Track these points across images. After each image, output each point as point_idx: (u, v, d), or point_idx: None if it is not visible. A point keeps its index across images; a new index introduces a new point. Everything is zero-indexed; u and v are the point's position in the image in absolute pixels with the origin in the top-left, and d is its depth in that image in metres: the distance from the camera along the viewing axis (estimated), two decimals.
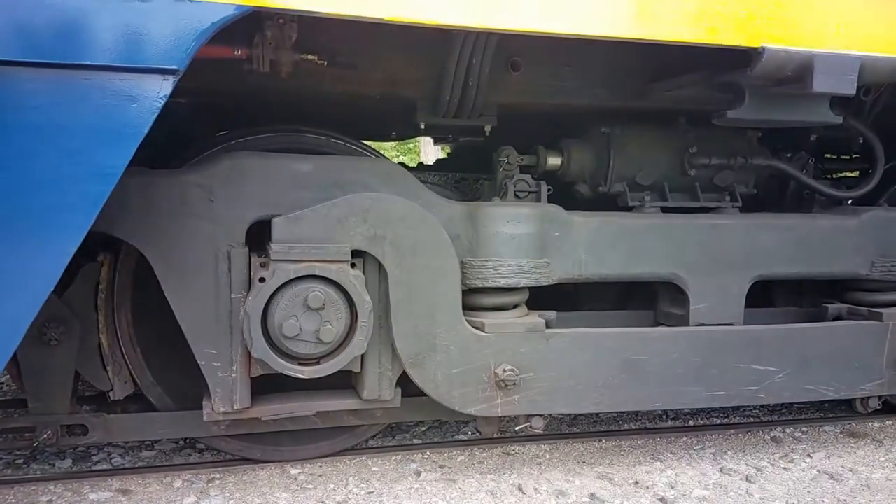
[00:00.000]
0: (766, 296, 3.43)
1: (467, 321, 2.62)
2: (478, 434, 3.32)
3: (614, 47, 2.40)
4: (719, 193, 3.13)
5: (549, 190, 2.93)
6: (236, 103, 2.97)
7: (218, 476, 2.82)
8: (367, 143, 3.14)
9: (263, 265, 2.37)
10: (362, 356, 2.53)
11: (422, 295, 2.53)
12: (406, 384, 2.68)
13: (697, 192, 3.10)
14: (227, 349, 2.42)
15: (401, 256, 2.50)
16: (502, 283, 2.61)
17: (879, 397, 3.23)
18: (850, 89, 2.34)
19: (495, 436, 3.16)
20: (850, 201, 3.39)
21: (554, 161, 3.06)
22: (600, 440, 3.31)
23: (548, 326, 2.75)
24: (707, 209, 3.08)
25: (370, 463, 2.98)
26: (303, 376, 2.41)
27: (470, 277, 2.62)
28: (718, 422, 3.67)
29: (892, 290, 3.15)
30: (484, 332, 2.62)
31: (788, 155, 3.30)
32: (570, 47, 2.53)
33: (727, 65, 2.42)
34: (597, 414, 3.64)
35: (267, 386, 2.59)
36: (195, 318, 2.41)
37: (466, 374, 2.60)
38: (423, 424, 3.51)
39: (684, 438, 3.38)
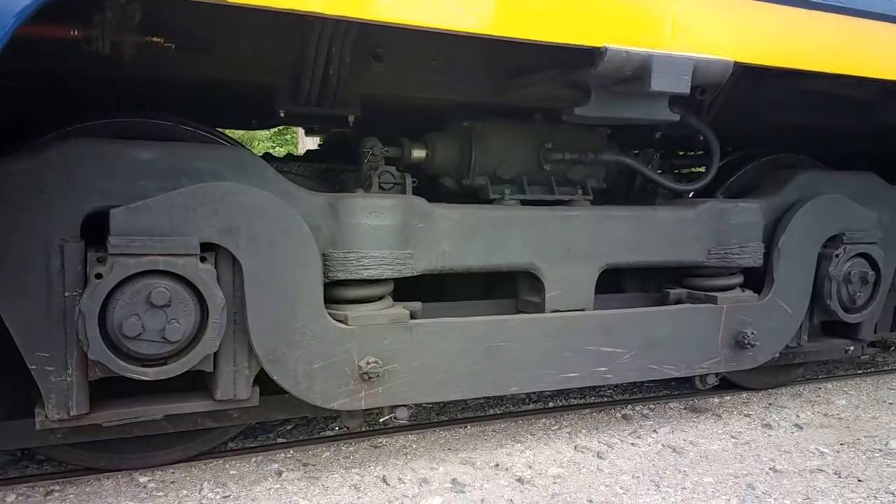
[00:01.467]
0: (616, 283, 3.66)
1: (330, 314, 2.58)
2: (346, 429, 3.29)
3: (475, 43, 2.44)
4: (573, 187, 3.28)
5: (414, 182, 2.95)
6: (81, 88, 2.74)
7: (57, 488, 2.61)
8: (233, 131, 3.01)
9: (100, 260, 2.21)
10: (215, 354, 2.41)
11: (280, 289, 2.46)
12: (266, 382, 2.60)
13: (553, 185, 3.24)
14: (61, 352, 2.22)
15: (256, 249, 2.41)
16: (365, 274, 2.59)
17: (717, 374, 3.51)
18: (684, 88, 2.52)
19: (363, 429, 3.15)
20: (691, 194, 3.68)
21: (419, 153, 3.08)
22: (465, 426, 3.39)
23: (414, 317, 2.78)
24: (562, 202, 3.22)
25: (228, 466, 2.87)
26: (146, 378, 2.27)
27: (332, 270, 2.58)
28: (575, 402, 3.88)
29: (726, 275, 3.44)
30: (347, 324, 2.59)
31: (636, 151, 3.52)
32: (433, 41, 2.55)
33: (575, 64, 2.54)
34: (465, 401, 3.73)
35: (124, 388, 2.42)
36: (24, 320, 2.20)
37: (329, 368, 2.56)
38: (289, 423, 3.43)
39: (543, 420, 3.53)
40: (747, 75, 3.17)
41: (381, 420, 2.76)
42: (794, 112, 3.68)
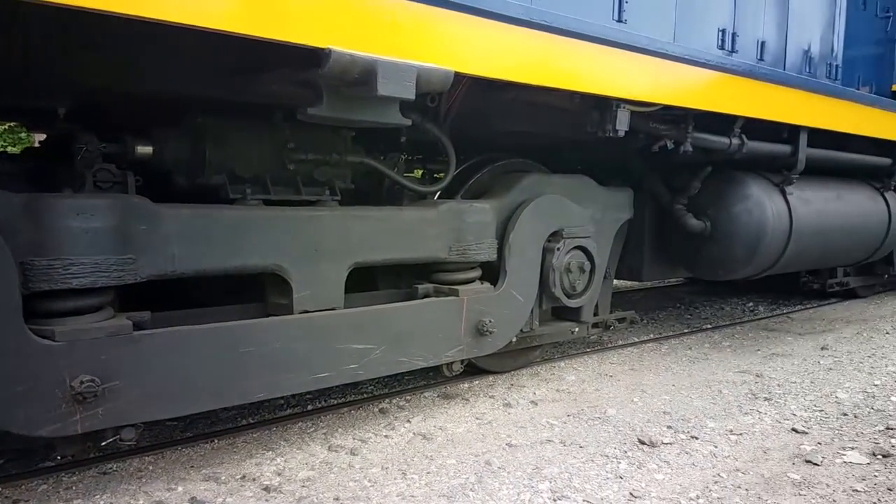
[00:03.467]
0: (371, 281, 3.75)
1: (33, 330, 2.28)
2: (71, 457, 2.95)
3: (204, 36, 2.31)
4: (320, 187, 3.29)
5: (138, 181, 2.73)
6: None
7: None
8: None
9: None
10: None
11: None
12: None
13: (299, 185, 3.21)
14: None
15: None
16: (74, 283, 2.33)
17: (462, 361, 3.76)
18: (409, 94, 2.65)
19: (93, 455, 2.86)
20: (437, 196, 3.89)
21: (144, 150, 2.85)
22: (213, 441, 3.23)
23: (142, 328, 2.57)
24: (309, 202, 3.21)
25: None
26: None
27: (34, 280, 2.29)
28: (334, 402, 3.89)
29: (467, 269, 3.69)
30: (55, 340, 2.32)
31: (382, 154, 3.63)
32: (157, 31, 2.37)
33: (305, 64, 2.54)
34: (215, 414, 3.55)
35: None
36: None
37: (33, 391, 2.27)
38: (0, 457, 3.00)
39: (300, 424, 3.49)
40: (477, 86, 3.43)
41: (103, 444, 2.50)
42: (521, 121, 4.04)
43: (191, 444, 3.17)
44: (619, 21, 3.73)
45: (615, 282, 8.13)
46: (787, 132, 5.03)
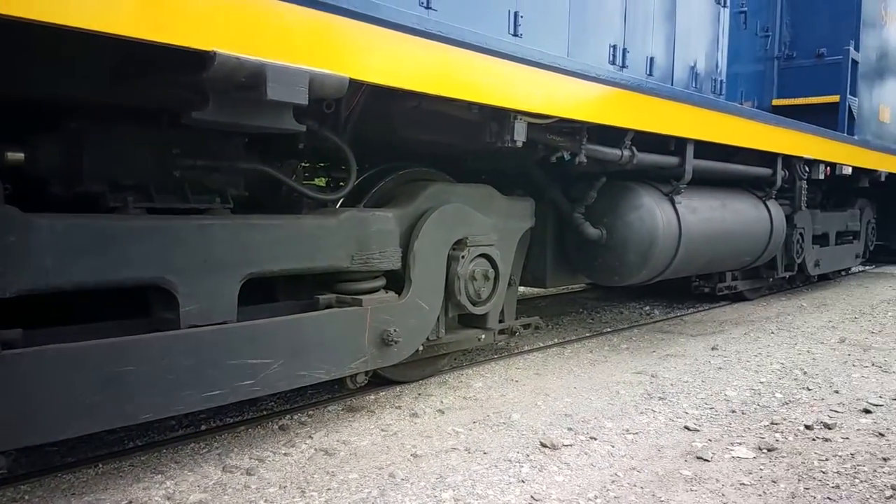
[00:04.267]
0: (271, 292, 3.64)
1: None
2: None
3: (83, 38, 2.17)
4: (211, 195, 3.16)
5: (7, 188, 2.53)
6: None
7: None
8: None
9: None
10: None
11: None
12: None
13: (187, 193, 3.08)
14: None
15: None
16: None
17: (366, 373, 3.70)
18: (302, 99, 2.59)
19: None
20: (339, 204, 3.82)
21: (15, 156, 2.65)
22: (96, 465, 3.02)
23: (11, 347, 2.37)
24: (198, 210, 3.08)
25: None
26: None
27: None
28: (231, 420, 3.74)
29: (370, 279, 3.65)
30: None
31: (279, 161, 3.54)
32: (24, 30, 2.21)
33: (190, 67, 2.44)
34: (99, 436, 3.33)
35: None
36: None
37: None
38: None
39: (192, 444, 3.33)
40: (379, 94, 3.41)
41: None
42: (425, 130, 4.05)
43: (72, 470, 2.95)
44: (515, 35, 3.83)
45: (521, 289, 8.36)
46: (674, 144, 5.30)
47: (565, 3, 4.32)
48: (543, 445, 3.36)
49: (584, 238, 5.25)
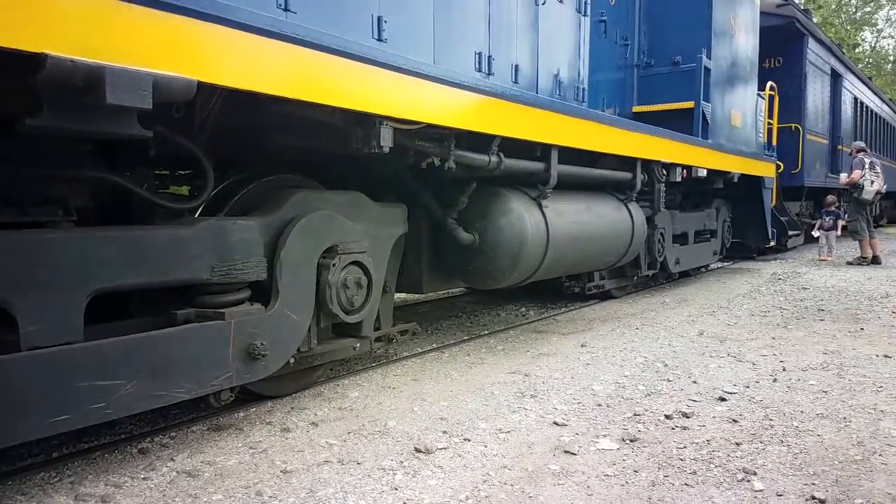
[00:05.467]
0: (125, 309, 3.41)
1: None
2: None
3: None
4: (52, 207, 2.92)
5: None
6: None
7: None
8: None
9: None
10: None
11: None
12: None
13: (25, 205, 2.83)
14: None
15: None
16: None
17: (232, 389, 3.55)
18: (146, 104, 2.46)
19: None
20: (199, 213, 3.65)
21: None
22: None
23: None
24: (38, 224, 2.84)
25: None
26: None
27: None
28: (86, 446, 3.47)
29: (234, 291, 3.51)
30: None
31: (129, 169, 3.33)
32: None
33: (20, 70, 2.24)
34: None
35: None
36: None
37: None
38: None
39: (42, 474, 3.06)
40: (238, 99, 3.28)
41: None
42: (291, 136, 3.96)
43: None
44: (380, 40, 3.82)
45: (402, 296, 8.38)
46: (540, 150, 5.51)
47: (429, 9, 4.37)
48: (418, 451, 3.37)
49: (458, 243, 5.33)
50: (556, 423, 3.80)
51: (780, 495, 2.86)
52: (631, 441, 3.51)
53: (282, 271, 3.65)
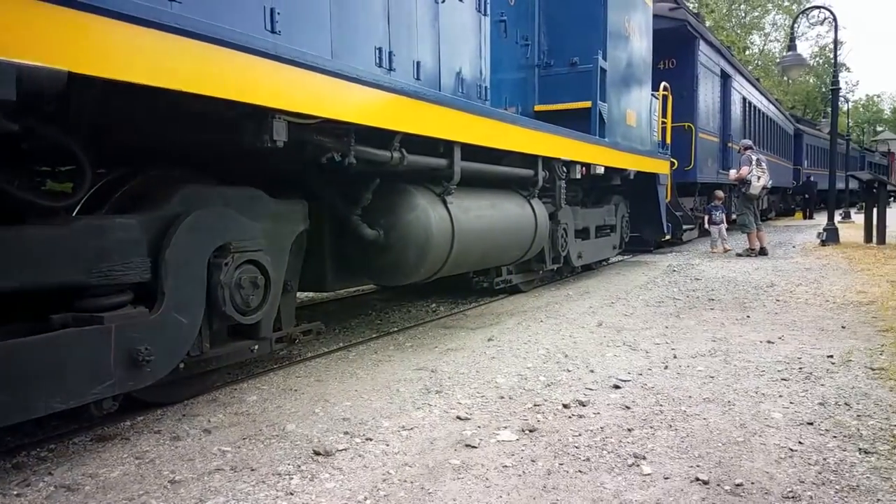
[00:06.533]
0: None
1: None
2: None
3: None
4: None
5: None
6: None
7: None
8: None
9: None
10: None
11: None
12: None
13: None
14: None
15: None
16: None
17: (115, 397, 3.34)
18: (8, 95, 2.27)
19: None
20: (76, 212, 3.41)
21: None
22: None
23: None
24: None
25: None
26: None
27: None
28: None
29: (115, 293, 3.30)
30: None
31: None
32: None
33: None
34: None
35: None
36: None
37: None
38: None
39: None
40: (121, 90, 3.09)
41: None
42: (180, 129, 3.76)
43: None
44: (273, 32, 3.70)
45: (309, 294, 8.21)
46: (443, 147, 5.53)
47: (326, 2, 4.28)
48: (317, 453, 3.29)
49: (363, 239, 5.26)
50: (459, 418, 3.82)
51: (667, 478, 2.98)
52: (530, 431, 3.57)
53: (167, 272, 3.46)
